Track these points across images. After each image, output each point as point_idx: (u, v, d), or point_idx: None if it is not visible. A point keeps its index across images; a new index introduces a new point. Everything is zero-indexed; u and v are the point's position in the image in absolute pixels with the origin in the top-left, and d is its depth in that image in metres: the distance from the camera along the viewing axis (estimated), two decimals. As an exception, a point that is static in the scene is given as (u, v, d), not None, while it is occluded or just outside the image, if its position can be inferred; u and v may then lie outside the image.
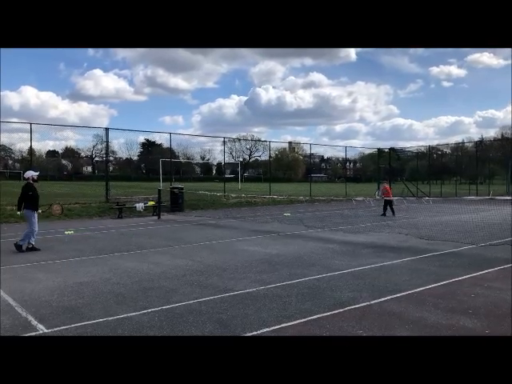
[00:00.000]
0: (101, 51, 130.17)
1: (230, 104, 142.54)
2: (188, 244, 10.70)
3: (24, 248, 9.83)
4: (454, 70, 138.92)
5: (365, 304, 5.59)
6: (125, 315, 5.23)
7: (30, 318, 5.16)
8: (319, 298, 5.89)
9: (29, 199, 9.97)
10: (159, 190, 18.52)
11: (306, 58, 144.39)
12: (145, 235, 12.60)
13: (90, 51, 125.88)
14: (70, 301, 5.87)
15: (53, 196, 21.22)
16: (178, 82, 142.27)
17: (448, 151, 57.96)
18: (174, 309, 5.47)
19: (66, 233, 13.00)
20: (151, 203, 19.22)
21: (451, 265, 7.97)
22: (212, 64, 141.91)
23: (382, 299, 5.79)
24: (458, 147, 56.10)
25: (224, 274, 7.34)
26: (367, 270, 7.57)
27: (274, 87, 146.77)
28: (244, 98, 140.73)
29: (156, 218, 17.59)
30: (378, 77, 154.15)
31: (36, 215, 10.05)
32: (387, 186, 18.55)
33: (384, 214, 17.63)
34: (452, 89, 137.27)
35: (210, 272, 7.53)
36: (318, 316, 5.13)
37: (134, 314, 5.30)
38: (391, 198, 17.70)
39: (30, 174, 10.27)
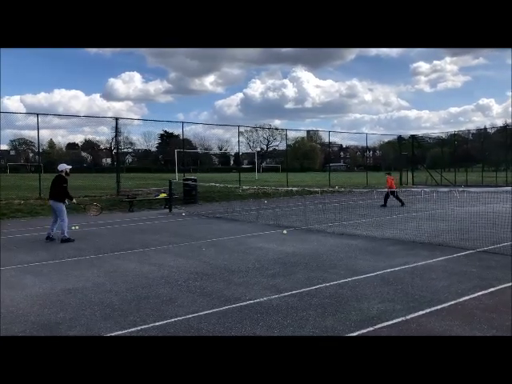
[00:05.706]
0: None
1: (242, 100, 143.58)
2: (196, 240, 9.79)
3: (61, 237, 9.95)
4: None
5: (399, 320, 4.60)
6: (108, 335, 4.36)
7: (-3, 337, 4.34)
8: (343, 311, 4.91)
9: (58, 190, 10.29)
10: (170, 182, 17.67)
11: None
12: (152, 231, 11.75)
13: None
14: (50, 314, 5.03)
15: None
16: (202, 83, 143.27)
17: (470, 138, 55.49)
18: (168, 326, 4.57)
19: (72, 228, 12.25)
20: (163, 195, 18.41)
21: (495, 265, 6.88)
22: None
23: (420, 313, 4.79)
24: (481, 133, 53.61)
25: (232, 279, 6.42)
26: (398, 273, 6.55)
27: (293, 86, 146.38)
28: (258, 94, 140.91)
29: (167, 210, 16.80)
30: (383, 73, 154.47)
31: (63, 206, 10.26)
32: (390, 177, 18.17)
33: (384, 205, 17.07)
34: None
35: (216, 275, 6.61)
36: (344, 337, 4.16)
37: (119, 332, 4.42)
38: (394, 189, 17.73)
39: (64, 167, 10.50)
